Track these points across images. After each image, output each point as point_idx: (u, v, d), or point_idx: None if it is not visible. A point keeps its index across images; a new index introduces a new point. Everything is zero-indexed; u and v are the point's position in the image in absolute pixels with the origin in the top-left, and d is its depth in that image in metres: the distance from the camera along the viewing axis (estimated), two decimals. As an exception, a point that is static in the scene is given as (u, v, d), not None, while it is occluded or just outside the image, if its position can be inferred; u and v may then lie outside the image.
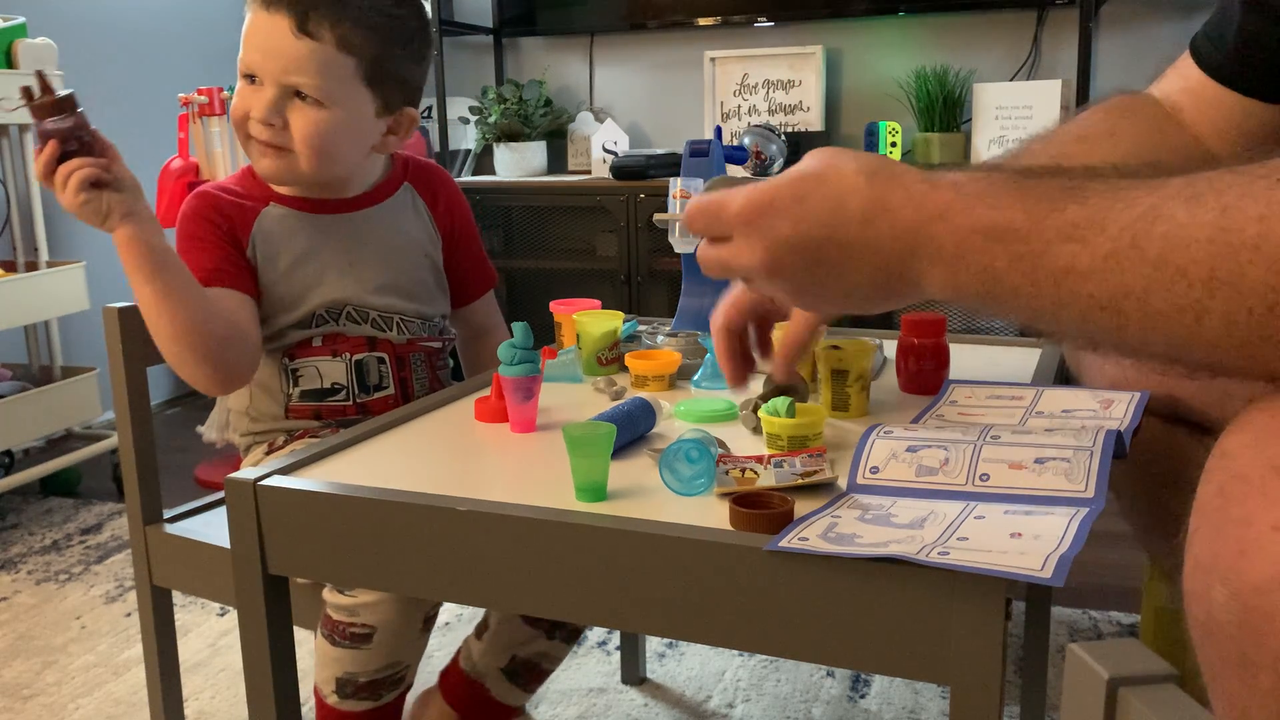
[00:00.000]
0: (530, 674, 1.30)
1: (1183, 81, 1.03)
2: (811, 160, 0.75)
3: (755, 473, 0.83)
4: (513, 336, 1.05)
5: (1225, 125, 1.00)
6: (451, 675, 1.32)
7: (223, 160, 2.58)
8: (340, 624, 1.09)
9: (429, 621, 1.14)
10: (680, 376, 1.17)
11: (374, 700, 1.12)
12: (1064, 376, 1.21)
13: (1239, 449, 0.61)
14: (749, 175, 0.87)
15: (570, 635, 1.31)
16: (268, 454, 1.26)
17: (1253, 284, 0.57)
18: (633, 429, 0.96)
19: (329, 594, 1.10)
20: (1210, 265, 0.59)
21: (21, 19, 2.46)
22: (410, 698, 1.20)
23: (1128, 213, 0.62)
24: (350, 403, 1.27)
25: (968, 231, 0.67)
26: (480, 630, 1.31)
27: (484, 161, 3.56)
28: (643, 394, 1.04)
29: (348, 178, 1.29)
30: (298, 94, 1.19)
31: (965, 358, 1.19)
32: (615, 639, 1.71)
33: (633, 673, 1.65)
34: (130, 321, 1.27)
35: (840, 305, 0.76)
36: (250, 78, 1.20)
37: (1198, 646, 0.64)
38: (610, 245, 3.25)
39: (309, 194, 1.27)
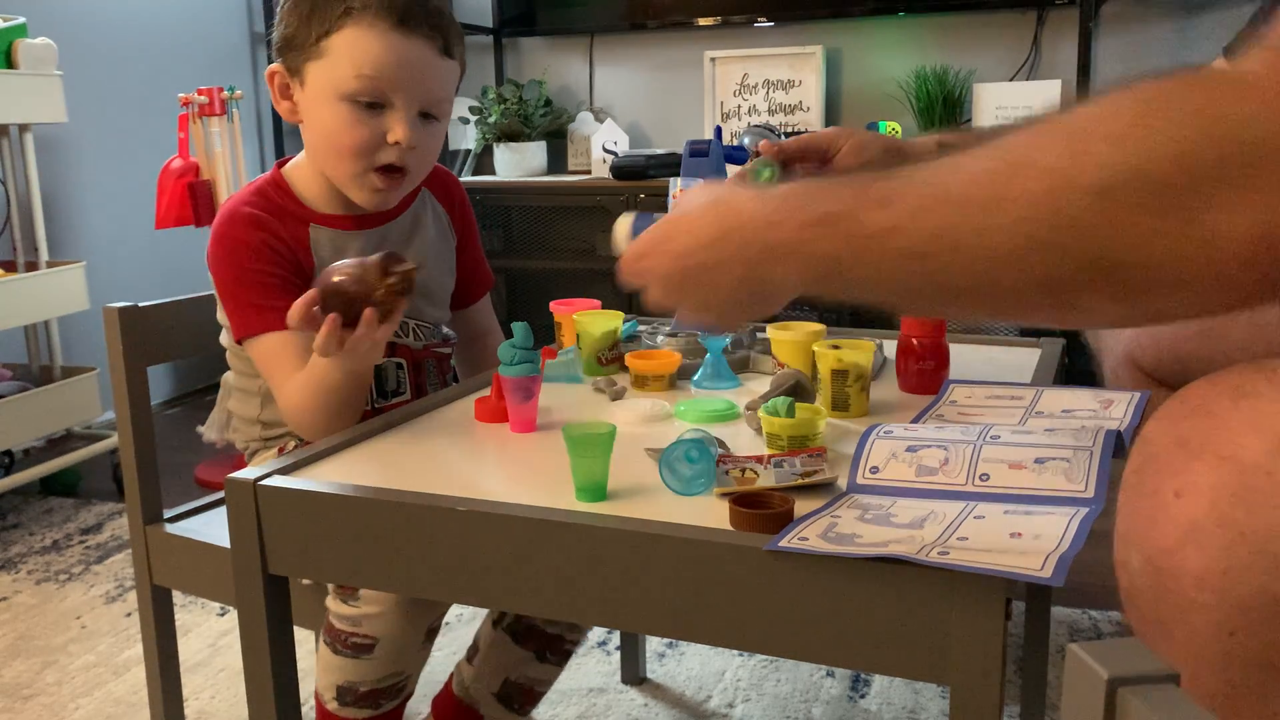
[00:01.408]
0: (524, 697, 1.30)
1: None
2: (682, 200, 0.87)
3: (755, 473, 0.83)
4: (512, 337, 1.05)
5: None
6: (445, 701, 1.31)
7: (223, 160, 2.58)
8: (342, 633, 1.09)
9: (432, 632, 1.13)
10: (680, 376, 1.17)
11: (373, 709, 1.12)
12: (1064, 376, 1.21)
13: (1153, 433, 0.67)
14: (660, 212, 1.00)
15: (561, 657, 1.31)
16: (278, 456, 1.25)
17: (1015, 195, 0.63)
18: None
19: (331, 602, 1.10)
20: (990, 187, 0.65)
21: (21, 19, 2.45)
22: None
23: (929, 172, 0.69)
24: (369, 408, 1.26)
25: (798, 226, 0.75)
26: (471, 654, 1.30)
27: (484, 161, 3.56)
28: (642, 393, 1.04)
29: None
30: (425, 114, 1.18)
31: (965, 358, 1.19)
32: (615, 639, 1.71)
33: (633, 673, 1.65)
34: (130, 321, 1.28)
35: (732, 315, 0.85)
36: (372, 104, 1.15)
37: (1126, 615, 0.68)
38: (610, 245, 3.24)
39: (346, 210, 1.24)
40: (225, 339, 1.27)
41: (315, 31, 1.15)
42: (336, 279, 1.04)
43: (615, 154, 3.24)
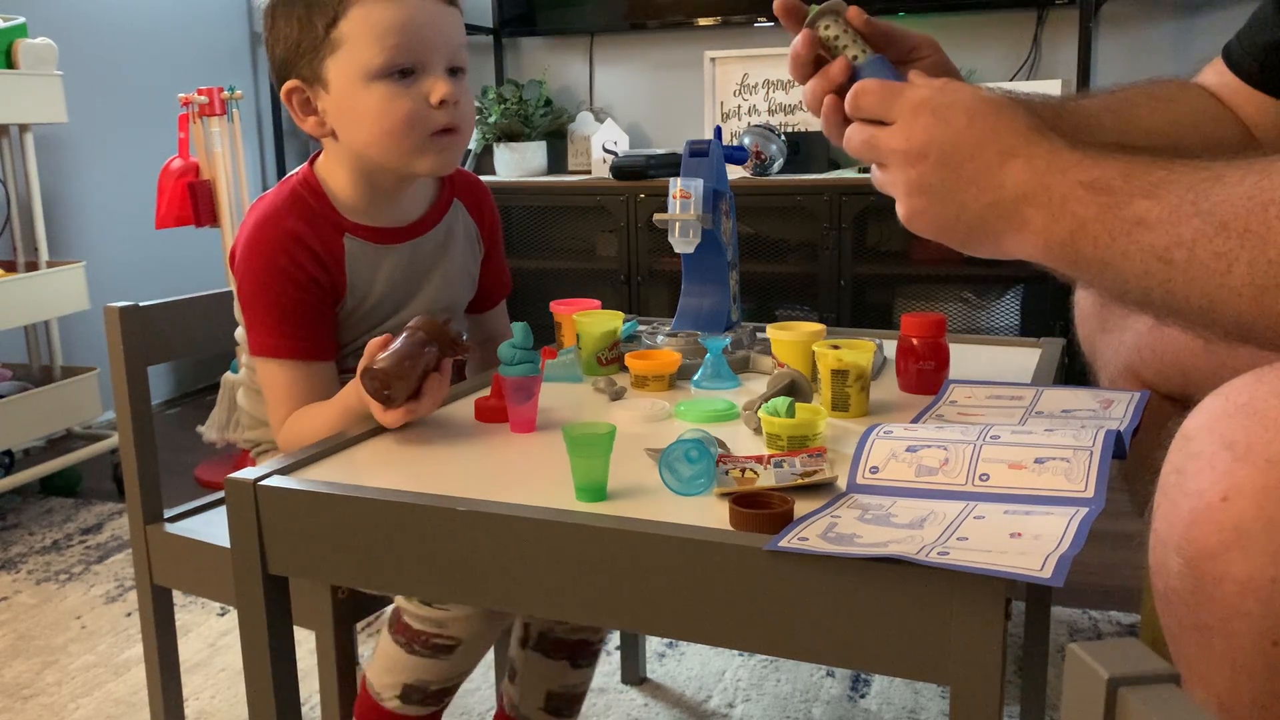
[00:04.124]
0: (569, 703, 1.31)
1: (1218, 78, 1.08)
2: (998, 96, 0.83)
3: (755, 473, 0.83)
4: (513, 336, 1.05)
5: (1256, 122, 1.05)
6: None
7: (223, 160, 2.58)
8: (422, 634, 1.08)
9: (507, 632, 1.14)
10: (680, 376, 1.17)
11: (436, 705, 1.12)
12: (1064, 376, 1.21)
13: (1195, 431, 0.66)
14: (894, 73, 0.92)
15: (591, 659, 1.32)
16: None
17: (1276, 235, 0.64)
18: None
19: (409, 603, 1.09)
20: (1246, 219, 0.65)
21: (21, 19, 2.46)
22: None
23: (1196, 175, 0.69)
24: None
25: (1075, 184, 0.74)
26: (512, 675, 1.31)
27: (484, 161, 3.56)
28: (645, 394, 1.04)
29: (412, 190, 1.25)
30: (452, 70, 1.16)
31: (965, 358, 1.19)
32: (615, 639, 1.71)
33: (633, 673, 1.65)
34: (130, 321, 1.27)
35: (944, 223, 0.82)
36: (404, 72, 1.12)
37: (1161, 617, 0.66)
38: (610, 245, 3.25)
39: (382, 222, 1.21)
40: (241, 335, 1.27)
41: (321, 26, 1.12)
42: (392, 361, 1.01)
43: (615, 154, 3.24)
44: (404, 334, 1.04)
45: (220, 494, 1.28)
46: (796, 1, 0.94)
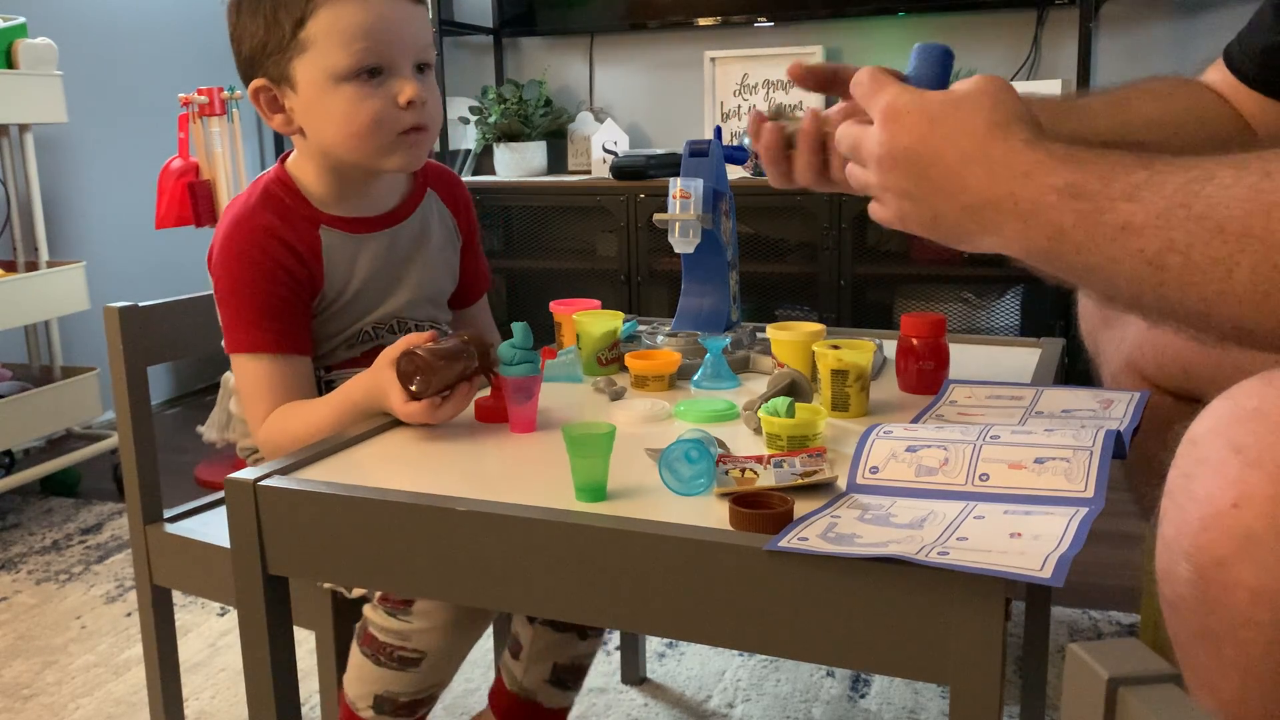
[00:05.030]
0: (573, 675, 1.31)
1: (1220, 75, 1.08)
2: (967, 86, 0.81)
3: (755, 473, 0.83)
4: (511, 337, 1.05)
5: (1258, 122, 1.05)
6: (501, 698, 1.32)
7: (223, 160, 2.58)
8: (388, 646, 1.08)
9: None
10: (680, 376, 1.17)
11: (410, 716, 1.12)
12: (1064, 376, 1.21)
13: (1203, 435, 0.65)
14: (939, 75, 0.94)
15: (599, 631, 1.32)
16: None
17: (1269, 234, 0.62)
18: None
19: (374, 614, 1.08)
20: (1245, 221, 0.63)
21: (21, 19, 2.45)
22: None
23: (1183, 175, 0.67)
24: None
25: (1046, 189, 0.72)
26: (515, 650, 1.30)
27: (484, 161, 3.56)
28: (643, 394, 1.04)
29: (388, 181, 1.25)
30: (420, 67, 1.16)
31: (965, 358, 1.19)
32: (615, 639, 1.71)
33: (633, 673, 1.65)
34: (130, 321, 1.27)
35: (929, 224, 0.82)
36: (372, 72, 1.12)
37: (1168, 624, 0.66)
38: (610, 245, 3.25)
39: (356, 212, 1.22)
40: None
41: (288, 27, 1.11)
42: (434, 354, 1.02)
43: (615, 154, 3.24)
44: (450, 338, 1.05)
45: (220, 494, 1.28)
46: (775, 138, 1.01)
